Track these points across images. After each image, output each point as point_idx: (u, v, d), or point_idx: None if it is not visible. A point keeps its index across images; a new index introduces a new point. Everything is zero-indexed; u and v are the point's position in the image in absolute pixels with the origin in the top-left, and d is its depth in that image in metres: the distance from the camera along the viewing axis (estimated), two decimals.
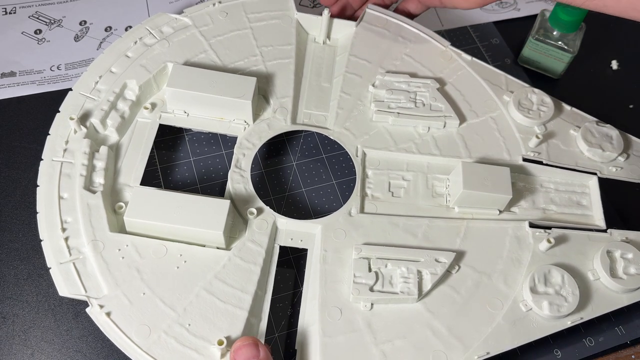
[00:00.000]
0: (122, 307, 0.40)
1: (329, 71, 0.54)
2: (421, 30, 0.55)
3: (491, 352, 0.40)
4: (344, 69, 0.53)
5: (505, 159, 0.49)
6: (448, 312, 0.42)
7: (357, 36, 0.54)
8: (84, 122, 0.48)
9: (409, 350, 0.40)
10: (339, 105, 0.51)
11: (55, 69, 0.57)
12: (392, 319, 0.41)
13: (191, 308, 0.40)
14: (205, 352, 0.39)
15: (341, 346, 0.40)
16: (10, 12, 0.60)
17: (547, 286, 0.42)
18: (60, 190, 0.44)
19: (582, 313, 0.42)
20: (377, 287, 0.41)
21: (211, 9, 0.55)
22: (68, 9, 0.61)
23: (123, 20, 0.60)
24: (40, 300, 0.44)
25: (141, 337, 0.39)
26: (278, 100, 0.51)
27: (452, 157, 0.49)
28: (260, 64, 0.53)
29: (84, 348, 0.42)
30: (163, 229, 0.42)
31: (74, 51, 0.58)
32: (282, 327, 0.44)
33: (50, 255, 0.42)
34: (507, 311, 0.42)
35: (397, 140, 0.50)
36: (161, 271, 0.42)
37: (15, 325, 0.43)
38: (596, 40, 0.62)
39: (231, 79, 0.49)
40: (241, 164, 0.48)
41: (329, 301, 0.42)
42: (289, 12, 0.55)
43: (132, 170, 0.47)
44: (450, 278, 0.43)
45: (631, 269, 0.43)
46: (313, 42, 0.56)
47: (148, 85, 0.50)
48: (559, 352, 0.44)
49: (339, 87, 0.52)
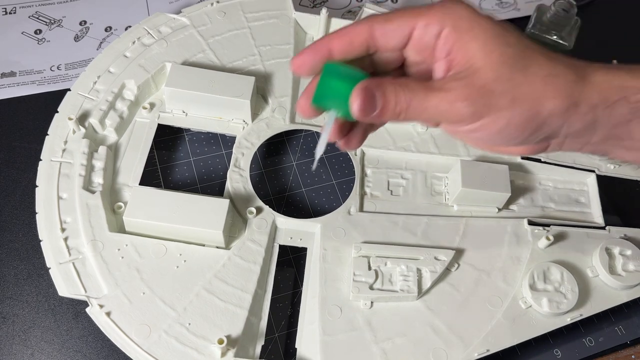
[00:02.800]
0: (122, 306, 0.40)
1: None
2: None
3: (491, 350, 0.40)
4: None
5: (504, 157, 0.49)
6: (448, 309, 0.42)
7: None
8: (82, 122, 0.48)
9: (409, 348, 0.40)
10: None
11: (55, 69, 0.57)
12: (392, 317, 0.41)
13: (191, 307, 0.41)
14: (206, 351, 0.39)
15: (341, 345, 0.40)
16: (10, 12, 0.60)
17: (547, 283, 0.42)
18: (59, 190, 0.44)
19: (582, 310, 0.42)
20: (376, 286, 0.42)
21: (209, 8, 0.55)
22: (68, 9, 0.61)
23: (123, 20, 0.60)
24: (40, 300, 0.44)
25: (141, 337, 0.39)
26: (277, 99, 0.51)
27: (451, 155, 0.49)
28: (259, 63, 0.53)
29: (84, 348, 0.42)
30: (162, 229, 0.42)
31: (74, 51, 0.58)
32: (282, 326, 0.44)
33: (49, 256, 0.42)
34: (507, 308, 0.42)
35: (396, 138, 0.50)
36: (161, 271, 0.42)
37: (15, 325, 0.43)
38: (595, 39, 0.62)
39: (229, 78, 0.49)
40: (240, 164, 0.48)
41: (328, 300, 0.42)
42: (287, 11, 0.55)
43: (131, 170, 0.47)
44: (450, 276, 0.43)
45: (630, 266, 0.43)
46: (311, 42, 0.56)
47: (146, 85, 0.50)
48: (559, 352, 0.44)
49: None
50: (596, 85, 0.31)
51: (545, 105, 0.31)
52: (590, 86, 0.31)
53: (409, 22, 0.32)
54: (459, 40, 0.31)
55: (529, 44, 0.31)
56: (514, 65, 0.31)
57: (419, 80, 0.32)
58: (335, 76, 0.31)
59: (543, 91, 0.31)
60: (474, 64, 0.31)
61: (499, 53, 0.30)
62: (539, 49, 0.31)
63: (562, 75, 0.31)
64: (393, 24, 0.32)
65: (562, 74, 0.31)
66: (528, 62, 0.31)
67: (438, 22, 0.31)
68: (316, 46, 0.33)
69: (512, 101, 0.30)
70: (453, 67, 0.32)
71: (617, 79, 0.31)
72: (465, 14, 0.31)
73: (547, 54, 0.31)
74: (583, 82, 0.31)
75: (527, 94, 0.31)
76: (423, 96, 0.31)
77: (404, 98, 0.31)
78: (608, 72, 0.32)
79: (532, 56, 0.31)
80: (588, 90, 0.31)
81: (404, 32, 0.32)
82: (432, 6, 0.32)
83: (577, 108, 0.31)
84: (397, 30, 0.32)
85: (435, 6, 0.32)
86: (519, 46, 0.31)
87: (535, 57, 0.31)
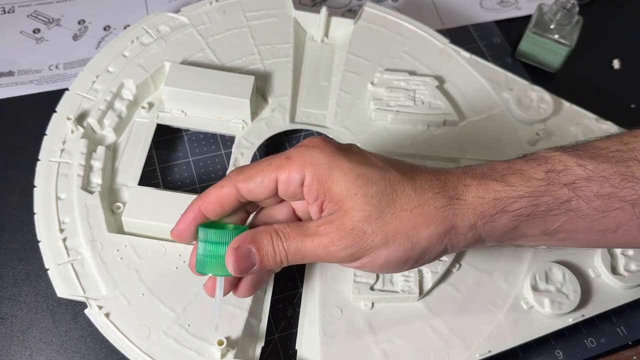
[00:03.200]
0: (121, 307, 0.40)
1: (328, 69, 0.54)
2: (420, 28, 0.55)
3: (493, 351, 0.40)
4: (343, 67, 0.52)
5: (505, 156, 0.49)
6: (449, 310, 0.42)
7: (355, 34, 0.54)
8: (81, 122, 0.47)
9: (410, 349, 0.40)
10: (338, 103, 0.51)
11: (53, 68, 0.56)
12: (393, 318, 0.41)
13: (190, 308, 0.40)
14: (205, 352, 0.39)
15: (342, 346, 0.40)
16: (9, 11, 0.60)
17: (548, 284, 0.42)
18: (57, 190, 0.44)
19: (584, 310, 0.42)
20: (377, 286, 0.41)
21: (208, 7, 0.55)
22: (67, 8, 0.61)
23: (122, 19, 0.60)
24: (39, 300, 0.44)
25: (140, 338, 0.39)
26: (276, 99, 0.51)
27: (452, 155, 0.49)
28: (258, 62, 0.52)
29: (83, 349, 0.42)
30: (162, 229, 0.42)
31: (73, 50, 0.58)
32: (282, 327, 0.43)
33: (48, 256, 0.42)
34: (509, 309, 0.42)
35: (397, 138, 0.49)
36: (160, 271, 0.42)
37: (14, 326, 0.43)
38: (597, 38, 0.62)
39: (229, 77, 0.49)
40: (240, 164, 0.47)
41: (329, 301, 0.41)
42: (286, 10, 0.55)
43: (129, 171, 0.47)
44: (451, 276, 0.43)
45: (632, 266, 0.43)
46: (311, 41, 0.55)
47: (145, 84, 0.50)
48: (560, 352, 0.43)
49: (337, 86, 0.52)
50: (470, 205, 0.31)
51: (421, 235, 0.31)
52: (464, 207, 0.31)
53: (270, 176, 0.32)
54: (322, 186, 0.32)
55: (393, 176, 0.31)
56: (380, 203, 0.31)
57: (295, 225, 0.33)
58: (209, 239, 0.33)
59: (414, 223, 0.31)
60: (343, 206, 0.31)
61: (362, 194, 0.31)
62: (406, 179, 0.32)
63: (431, 204, 0.31)
64: (255, 181, 0.33)
65: (430, 203, 0.31)
66: (394, 197, 0.31)
67: (298, 173, 0.32)
68: (188, 212, 0.34)
69: (385, 239, 0.31)
70: (324, 209, 0.32)
71: (490, 193, 0.32)
72: (323, 159, 0.32)
73: (413, 184, 0.31)
74: (455, 204, 0.31)
75: (399, 229, 0.31)
76: (300, 243, 0.32)
77: (281, 246, 0.32)
78: (480, 185, 0.32)
79: (398, 189, 0.31)
80: (462, 211, 0.31)
81: (267, 187, 0.33)
82: (291, 154, 0.32)
83: (455, 230, 0.31)
84: (260, 186, 0.33)
85: (294, 154, 0.32)
86: (383, 182, 0.31)
87: (401, 190, 0.31)
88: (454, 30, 0.62)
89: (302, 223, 0.33)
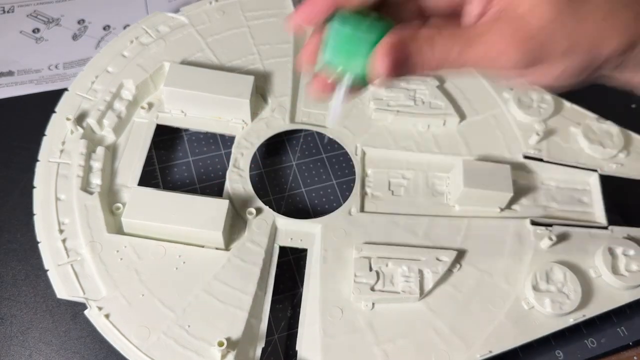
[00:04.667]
0: (121, 308, 0.40)
1: None
2: None
3: (494, 351, 0.40)
4: None
5: (506, 156, 0.49)
6: (450, 311, 0.41)
7: None
8: (80, 122, 0.47)
9: (411, 350, 0.40)
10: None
11: (53, 68, 0.56)
12: (394, 318, 0.41)
13: (191, 309, 0.40)
14: (206, 353, 0.39)
15: (342, 346, 0.40)
16: (9, 10, 0.60)
17: (549, 284, 0.42)
18: (57, 191, 0.44)
19: (585, 310, 0.42)
20: (378, 287, 0.41)
21: (208, 7, 0.55)
22: (66, 7, 0.61)
23: (121, 19, 0.60)
24: (38, 301, 0.44)
25: (140, 339, 0.39)
26: (276, 99, 0.51)
27: (453, 155, 0.49)
28: (258, 62, 0.52)
29: (82, 349, 0.42)
30: (161, 230, 0.42)
31: (72, 50, 0.58)
32: (282, 328, 0.43)
33: (47, 257, 0.42)
34: (509, 309, 0.42)
35: (397, 138, 0.49)
36: (160, 272, 0.41)
37: (13, 326, 0.43)
38: None
39: (229, 77, 0.49)
40: (239, 164, 0.47)
41: (329, 301, 0.41)
42: (286, 10, 0.55)
43: (129, 171, 0.47)
44: (452, 277, 0.43)
45: (633, 266, 0.43)
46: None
47: (145, 84, 0.50)
48: (561, 353, 0.43)
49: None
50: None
51: (604, 48, 0.27)
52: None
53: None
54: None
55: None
56: (568, 5, 0.27)
57: (457, 28, 0.28)
58: (351, 27, 0.26)
59: (602, 32, 0.27)
60: (518, 7, 0.27)
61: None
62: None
63: (622, 14, 0.27)
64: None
65: (621, 13, 0.27)
66: (582, 1, 0.27)
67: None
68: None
69: (569, 47, 0.27)
70: (493, 5, 0.28)
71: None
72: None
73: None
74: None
75: (585, 37, 0.27)
76: (465, 45, 0.27)
77: (441, 49, 0.27)
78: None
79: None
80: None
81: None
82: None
83: (634, 48, 0.28)
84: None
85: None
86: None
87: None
88: None
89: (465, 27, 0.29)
